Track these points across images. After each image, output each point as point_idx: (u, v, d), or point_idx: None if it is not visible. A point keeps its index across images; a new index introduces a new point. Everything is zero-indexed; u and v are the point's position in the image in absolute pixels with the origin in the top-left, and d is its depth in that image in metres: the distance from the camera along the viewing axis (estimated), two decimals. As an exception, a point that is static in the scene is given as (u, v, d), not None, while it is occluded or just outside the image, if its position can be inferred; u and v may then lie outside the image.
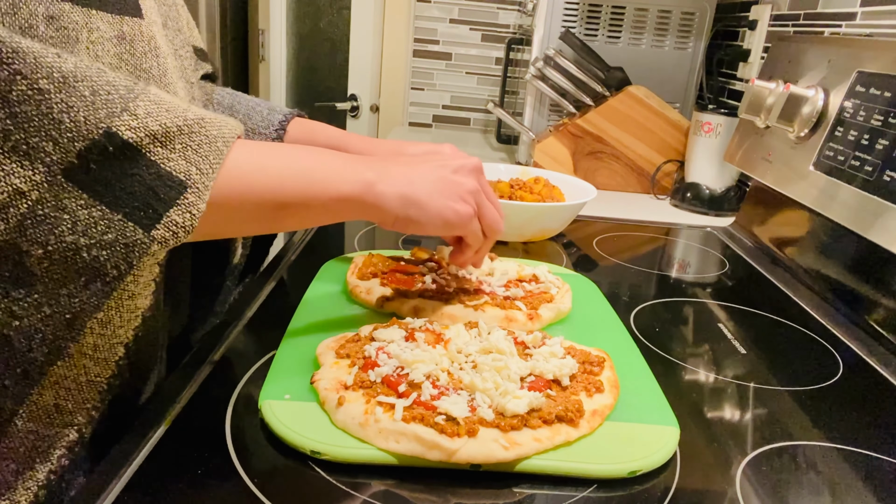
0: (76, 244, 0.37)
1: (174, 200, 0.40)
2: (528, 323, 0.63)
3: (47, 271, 0.37)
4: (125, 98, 0.39)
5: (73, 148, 0.37)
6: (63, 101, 0.36)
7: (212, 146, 0.42)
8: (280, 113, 0.73)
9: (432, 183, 0.53)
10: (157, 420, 0.47)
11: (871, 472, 0.48)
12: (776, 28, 1.22)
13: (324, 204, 0.49)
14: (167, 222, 0.40)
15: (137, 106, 0.39)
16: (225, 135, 0.43)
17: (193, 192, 0.41)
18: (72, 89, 0.37)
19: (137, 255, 0.39)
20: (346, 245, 0.90)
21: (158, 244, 0.40)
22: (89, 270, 0.39)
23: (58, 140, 0.36)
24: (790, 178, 0.92)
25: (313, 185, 0.48)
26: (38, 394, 0.41)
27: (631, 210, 1.19)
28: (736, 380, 0.60)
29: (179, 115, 0.41)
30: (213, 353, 0.57)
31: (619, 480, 0.44)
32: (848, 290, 0.79)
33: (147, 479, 0.41)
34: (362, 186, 0.50)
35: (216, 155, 0.42)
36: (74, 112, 0.37)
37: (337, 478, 0.42)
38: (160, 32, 0.53)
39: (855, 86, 0.83)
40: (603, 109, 1.28)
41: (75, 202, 0.37)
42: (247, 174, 0.45)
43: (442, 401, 0.45)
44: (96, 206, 0.38)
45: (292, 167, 0.48)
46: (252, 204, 0.46)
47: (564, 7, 1.38)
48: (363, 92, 2.09)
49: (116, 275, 0.40)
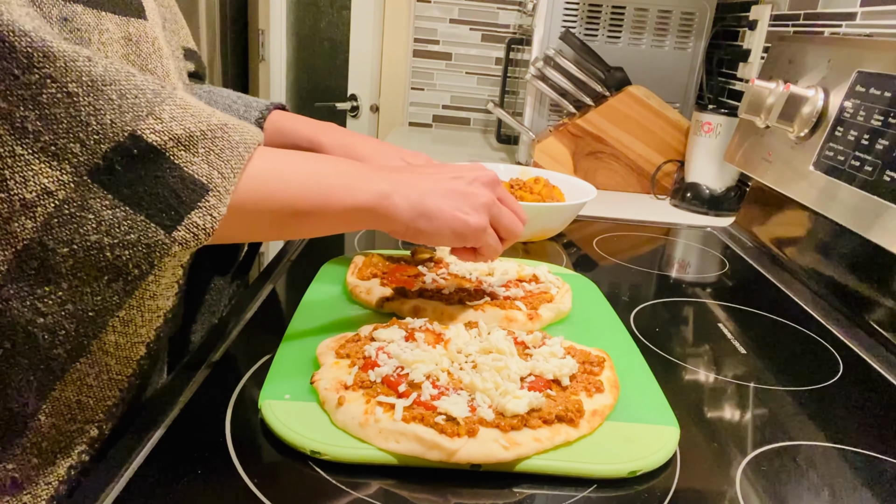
0: (100, 243, 0.38)
1: (195, 203, 0.41)
2: (528, 323, 0.63)
3: (72, 269, 0.38)
4: (151, 102, 0.40)
5: (99, 150, 0.38)
6: (91, 105, 0.37)
7: (234, 151, 0.43)
8: (256, 110, 0.73)
9: (445, 195, 0.54)
10: (157, 420, 0.47)
11: (871, 472, 0.48)
12: (776, 28, 1.22)
13: (339, 213, 0.50)
14: (188, 224, 0.41)
15: (163, 110, 0.40)
16: (247, 140, 0.44)
17: (215, 195, 0.42)
18: (100, 93, 0.38)
19: (158, 255, 0.40)
20: (346, 245, 0.90)
21: (179, 245, 0.41)
22: (112, 269, 0.39)
23: (85, 142, 0.37)
24: (790, 178, 0.92)
25: (330, 194, 0.49)
26: (61, 389, 0.41)
27: (631, 210, 1.19)
28: (736, 380, 0.60)
29: (203, 119, 0.42)
30: (213, 354, 0.57)
31: (619, 480, 0.44)
32: (848, 290, 0.79)
33: (147, 479, 0.41)
34: (376, 197, 0.51)
35: (238, 160, 0.43)
36: (101, 115, 0.38)
37: (337, 478, 0.42)
38: (161, 34, 0.53)
39: (855, 86, 0.83)
40: (603, 109, 1.28)
41: (100, 202, 0.38)
42: (267, 181, 0.46)
43: (442, 401, 0.45)
44: (120, 206, 0.39)
45: (311, 176, 0.49)
46: (270, 210, 0.47)
47: (564, 7, 1.38)
48: (363, 92, 2.09)
49: (138, 274, 0.40)
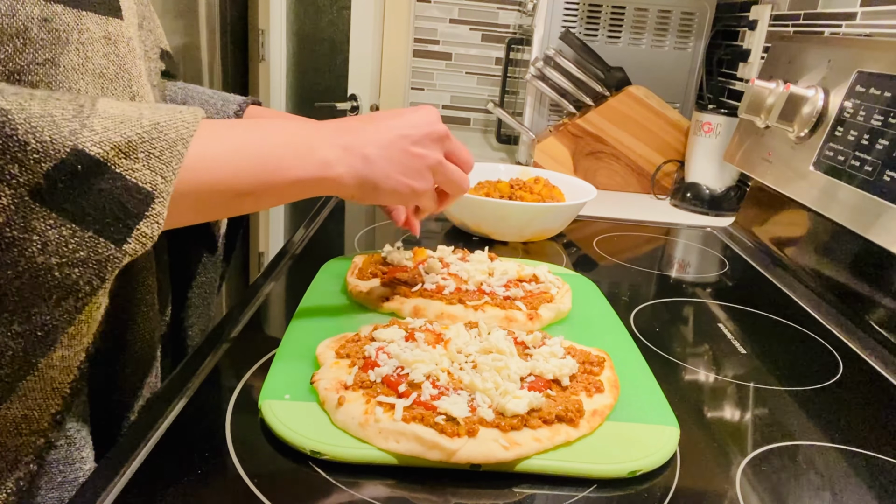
0: (47, 264, 0.37)
1: (143, 212, 0.40)
2: (528, 323, 0.63)
3: (19, 291, 0.37)
4: (80, 115, 0.38)
5: (39, 169, 0.36)
6: (27, 122, 0.36)
7: (173, 151, 0.41)
8: (234, 103, 0.72)
9: (390, 160, 0.53)
10: (157, 420, 0.47)
11: (871, 472, 0.48)
12: (776, 28, 1.22)
13: (284, 188, 0.49)
14: (137, 235, 0.39)
15: (94, 122, 0.38)
16: (183, 136, 0.42)
17: (160, 201, 0.40)
18: (30, 113, 0.36)
19: (110, 269, 0.39)
20: (346, 245, 0.90)
21: (129, 256, 0.39)
22: (61, 288, 0.38)
23: (24, 162, 0.35)
24: (790, 178, 0.92)
25: (270, 171, 0.48)
26: (7, 408, 0.40)
27: (631, 210, 1.19)
28: (736, 380, 0.60)
29: (135, 122, 0.40)
30: (213, 354, 0.57)
31: (619, 480, 0.44)
32: (848, 290, 0.79)
33: (147, 479, 0.41)
34: (319, 169, 0.50)
35: (178, 160, 0.41)
36: (39, 133, 0.36)
37: (337, 478, 0.42)
38: (136, 34, 0.52)
39: (855, 86, 0.83)
40: (603, 109, 1.28)
41: (44, 222, 0.36)
42: (205, 169, 0.44)
43: (442, 401, 0.45)
44: (66, 224, 0.37)
45: (251, 155, 0.47)
46: (213, 194, 0.45)
47: (564, 7, 1.38)
48: (363, 92, 2.09)
49: (89, 290, 0.39)
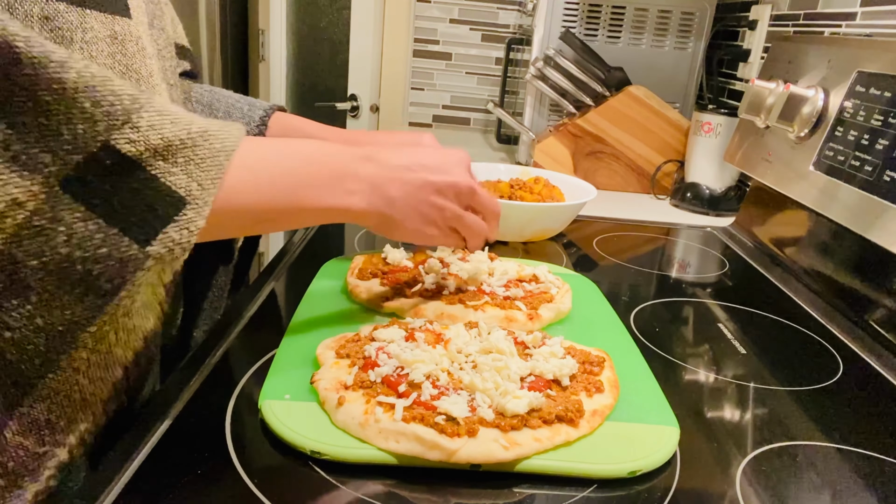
0: (71, 256, 0.37)
1: (172, 217, 0.39)
2: (528, 323, 0.63)
3: (41, 283, 0.37)
4: (128, 109, 0.38)
5: (71, 160, 0.36)
6: (62, 113, 0.36)
7: (215, 160, 0.41)
8: (261, 108, 0.72)
9: (411, 206, 0.55)
10: (158, 420, 0.47)
11: (871, 472, 0.48)
12: (776, 28, 1.22)
13: (310, 214, 0.51)
14: (164, 238, 0.39)
15: (141, 118, 0.38)
16: (227, 147, 0.42)
17: (193, 208, 0.40)
18: (72, 101, 0.36)
19: (132, 270, 0.39)
20: (346, 245, 0.90)
21: (154, 260, 0.39)
22: (83, 283, 0.38)
23: (56, 151, 0.36)
24: (790, 178, 0.92)
25: (302, 198, 0.50)
26: (30, 405, 0.40)
27: (631, 210, 1.19)
28: (736, 380, 0.60)
29: (183, 127, 0.40)
30: (212, 354, 0.57)
31: (619, 480, 0.44)
32: (848, 290, 0.79)
33: (147, 479, 0.41)
34: (345, 203, 0.52)
35: (218, 169, 0.41)
36: (73, 125, 0.36)
37: (337, 478, 0.42)
38: (146, 33, 0.52)
39: (855, 86, 0.83)
40: (603, 109, 1.28)
41: (72, 214, 0.36)
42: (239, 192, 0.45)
43: (442, 401, 0.45)
44: (92, 218, 0.37)
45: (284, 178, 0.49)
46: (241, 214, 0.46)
47: (564, 7, 1.38)
48: (363, 92, 2.09)
49: (110, 289, 0.39)
